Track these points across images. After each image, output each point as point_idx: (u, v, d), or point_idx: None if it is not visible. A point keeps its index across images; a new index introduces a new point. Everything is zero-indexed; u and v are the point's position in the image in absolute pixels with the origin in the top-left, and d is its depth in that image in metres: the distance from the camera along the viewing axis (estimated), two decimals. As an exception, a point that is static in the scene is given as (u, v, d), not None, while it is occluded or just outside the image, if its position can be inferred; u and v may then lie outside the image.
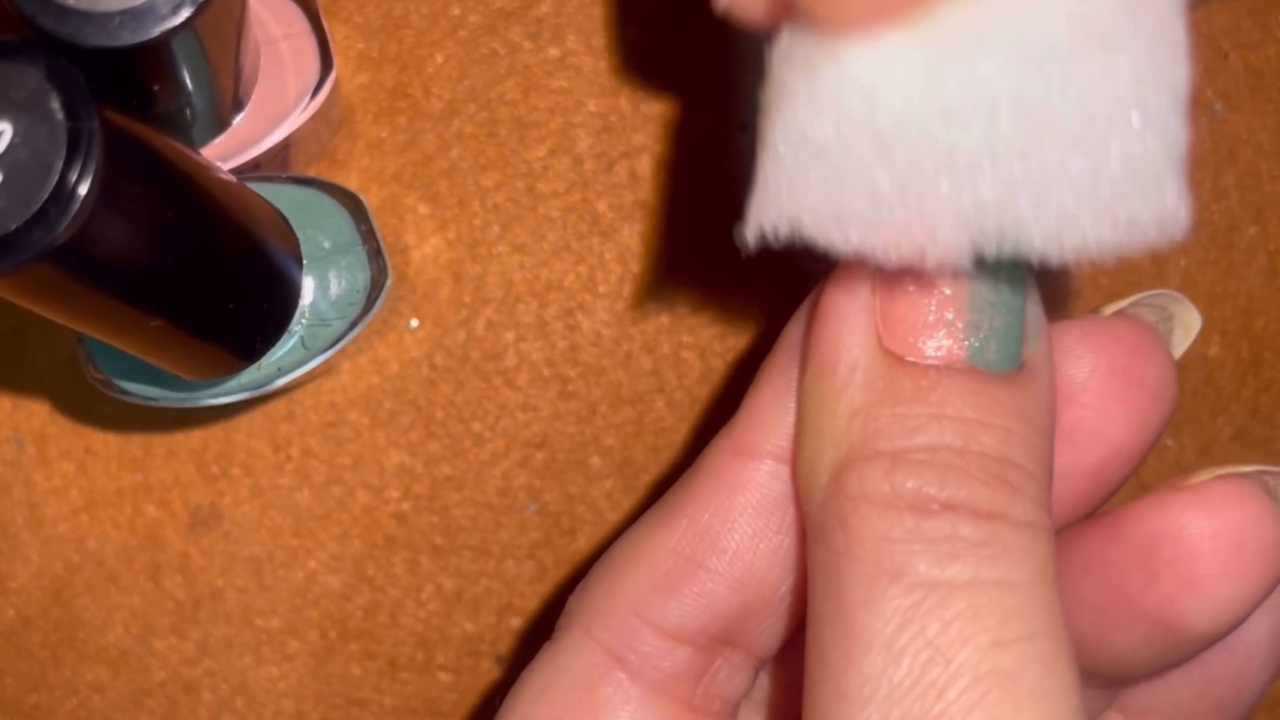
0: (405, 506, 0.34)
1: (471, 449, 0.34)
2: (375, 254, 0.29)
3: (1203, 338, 0.35)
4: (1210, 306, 0.35)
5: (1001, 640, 0.19)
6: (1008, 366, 0.20)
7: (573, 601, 0.24)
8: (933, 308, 0.20)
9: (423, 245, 0.33)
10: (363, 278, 0.29)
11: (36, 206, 0.21)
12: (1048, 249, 0.18)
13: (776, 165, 0.19)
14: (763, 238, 0.19)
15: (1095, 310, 0.24)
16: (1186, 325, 0.25)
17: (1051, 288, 0.34)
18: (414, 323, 0.33)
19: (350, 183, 0.33)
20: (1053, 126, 0.18)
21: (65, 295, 0.23)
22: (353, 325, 0.29)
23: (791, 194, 0.19)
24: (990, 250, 0.19)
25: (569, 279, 0.33)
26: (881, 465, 0.20)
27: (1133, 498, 0.23)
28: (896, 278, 0.20)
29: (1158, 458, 0.35)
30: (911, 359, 0.20)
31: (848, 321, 0.21)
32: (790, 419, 0.23)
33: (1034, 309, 0.21)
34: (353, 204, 0.30)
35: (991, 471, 0.20)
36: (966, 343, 0.20)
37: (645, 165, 0.34)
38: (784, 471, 0.23)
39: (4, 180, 0.21)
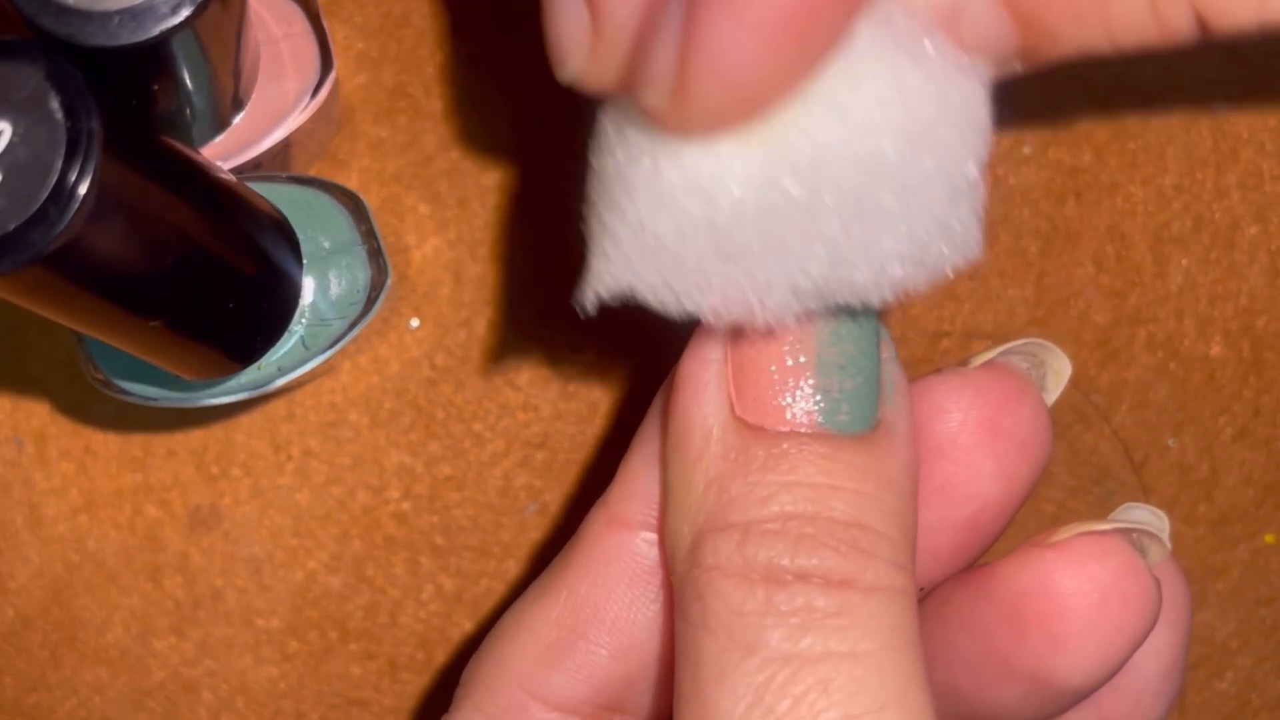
0: (405, 506, 0.34)
1: (472, 449, 0.34)
2: (375, 254, 0.29)
3: (1204, 337, 0.35)
4: (1212, 306, 0.35)
5: (850, 715, 0.19)
6: (861, 428, 0.20)
7: (466, 673, 0.25)
8: (783, 373, 0.21)
9: (423, 245, 0.33)
10: (363, 277, 0.29)
11: (36, 206, 0.21)
12: (868, 298, 0.20)
13: (614, 246, 0.20)
14: (600, 303, 0.21)
15: (965, 361, 0.24)
16: (1058, 371, 0.25)
17: (1050, 286, 0.34)
18: (414, 322, 0.33)
19: (351, 182, 0.33)
20: (876, 212, 0.19)
21: (64, 295, 0.23)
22: (353, 325, 0.29)
23: (627, 270, 0.20)
24: (816, 308, 0.20)
25: (569, 278, 0.33)
26: (734, 537, 0.20)
27: (1135, 498, 0.23)
28: (748, 345, 0.21)
29: (1160, 459, 0.35)
30: (764, 425, 0.20)
31: (701, 390, 0.21)
32: (658, 488, 0.23)
33: (890, 367, 0.21)
34: (353, 204, 0.29)
35: (842, 538, 0.20)
36: (818, 407, 0.20)
37: (646, 165, 0.34)
38: (657, 540, 0.23)
39: (3, 180, 0.21)
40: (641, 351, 0.34)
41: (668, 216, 0.19)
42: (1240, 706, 0.36)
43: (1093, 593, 0.22)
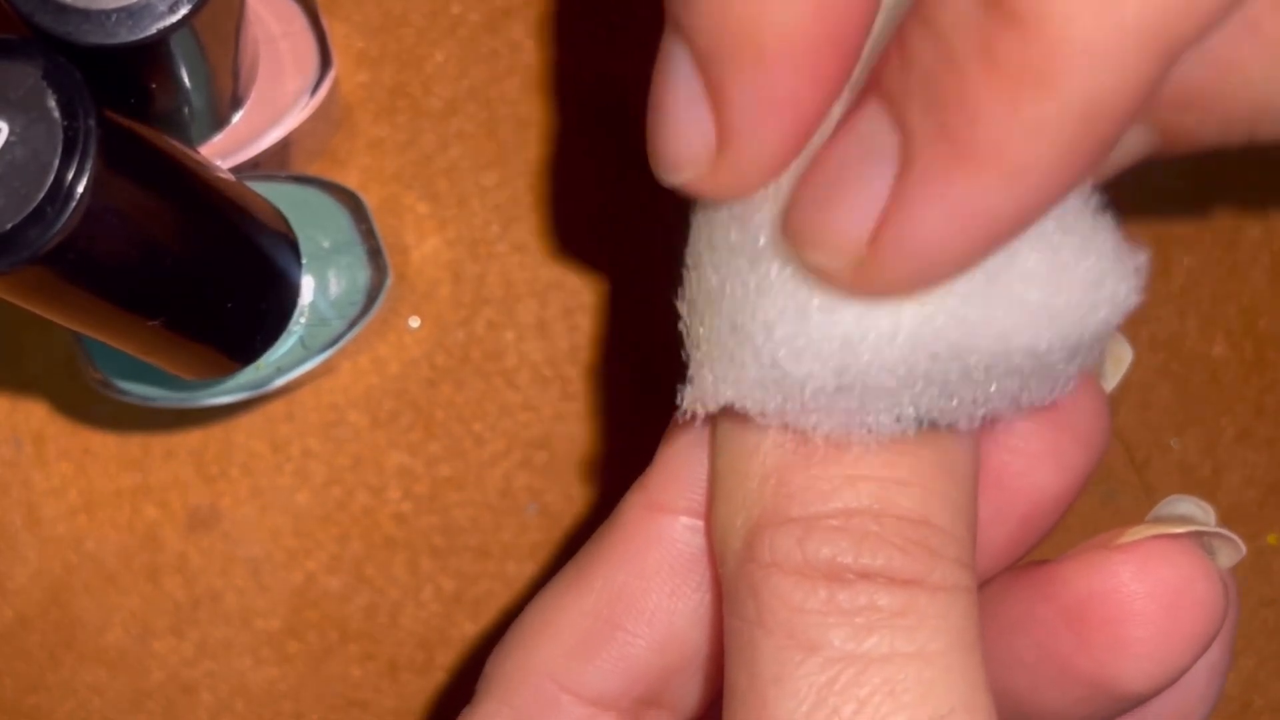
0: (405, 507, 0.33)
1: (472, 449, 0.33)
2: (375, 253, 0.29)
3: (1207, 337, 0.35)
4: (1214, 306, 0.35)
5: (918, 719, 0.18)
6: None
7: (489, 668, 0.24)
8: None
9: (423, 244, 0.33)
10: (362, 277, 0.29)
11: (33, 205, 0.20)
12: (957, 423, 0.19)
13: (738, 373, 0.19)
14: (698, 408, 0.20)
15: None
16: (1118, 358, 0.24)
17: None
18: (414, 322, 0.33)
19: (350, 181, 0.33)
20: (1006, 375, 0.19)
21: (63, 295, 0.22)
22: (352, 325, 0.29)
23: (741, 392, 0.19)
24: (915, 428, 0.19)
25: (570, 279, 0.33)
26: (794, 532, 0.19)
27: (1138, 498, 0.23)
28: None
29: (1162, 459, 0.35)
30: None
31: None
32: (703, 471, 0.22)
33: None
34: (352, 203, 0.29)
35: (908, 536, 0.19)
36: None
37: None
38: (700, 526, 0.22)
39: (1, 179, 0.21)
40: (643, 351, 0.34)
41: (806, 360, 0.19)
42: (1243, 708, 0.35)
43: (1163, 597, 0.21)
